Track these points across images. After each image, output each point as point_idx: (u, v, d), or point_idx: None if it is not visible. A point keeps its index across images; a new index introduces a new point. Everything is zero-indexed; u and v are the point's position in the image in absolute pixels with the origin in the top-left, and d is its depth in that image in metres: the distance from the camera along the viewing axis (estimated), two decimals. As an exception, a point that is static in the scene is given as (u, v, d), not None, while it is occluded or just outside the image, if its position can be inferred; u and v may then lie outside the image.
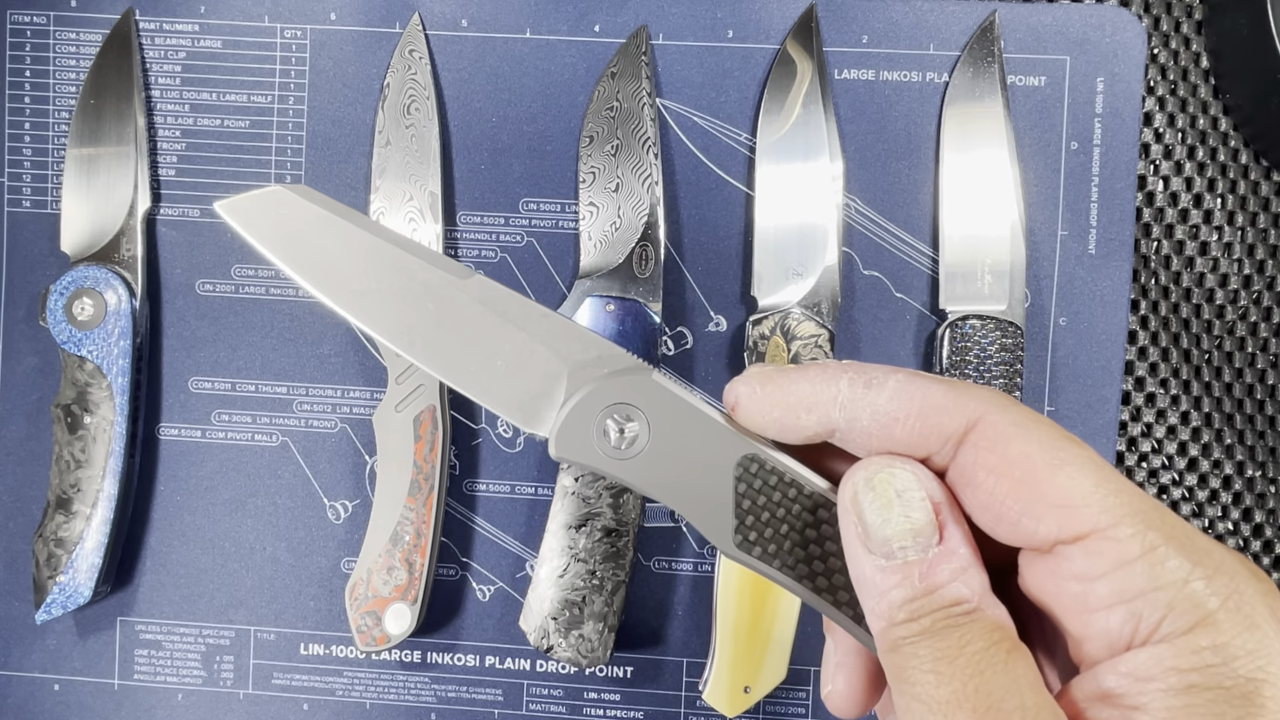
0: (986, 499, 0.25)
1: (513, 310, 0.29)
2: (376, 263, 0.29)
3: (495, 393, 0.29)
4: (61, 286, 0.48)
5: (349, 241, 0.29)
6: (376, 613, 0.47)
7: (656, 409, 0.28)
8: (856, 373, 0.26)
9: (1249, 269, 0.50)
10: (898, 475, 0.25)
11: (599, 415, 0.28)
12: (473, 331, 0.29)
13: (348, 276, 0.29)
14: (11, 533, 0.51)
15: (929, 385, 0.26)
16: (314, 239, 0.29)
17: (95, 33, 0.50)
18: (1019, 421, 0.25)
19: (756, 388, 0.27)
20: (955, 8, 0.49)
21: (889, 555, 0.25)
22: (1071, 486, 0.24)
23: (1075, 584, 0.24)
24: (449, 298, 0.29)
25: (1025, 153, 0.49)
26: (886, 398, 0.26)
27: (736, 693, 0.47)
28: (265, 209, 0.29)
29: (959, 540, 0.25)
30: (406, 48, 0.49)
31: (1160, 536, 0.23)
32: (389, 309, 0.29)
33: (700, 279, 0.50)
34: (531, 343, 0.29)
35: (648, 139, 0.48)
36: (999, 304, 0.47)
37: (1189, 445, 0.50)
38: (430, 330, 0.29)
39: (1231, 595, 0.23)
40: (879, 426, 0.26)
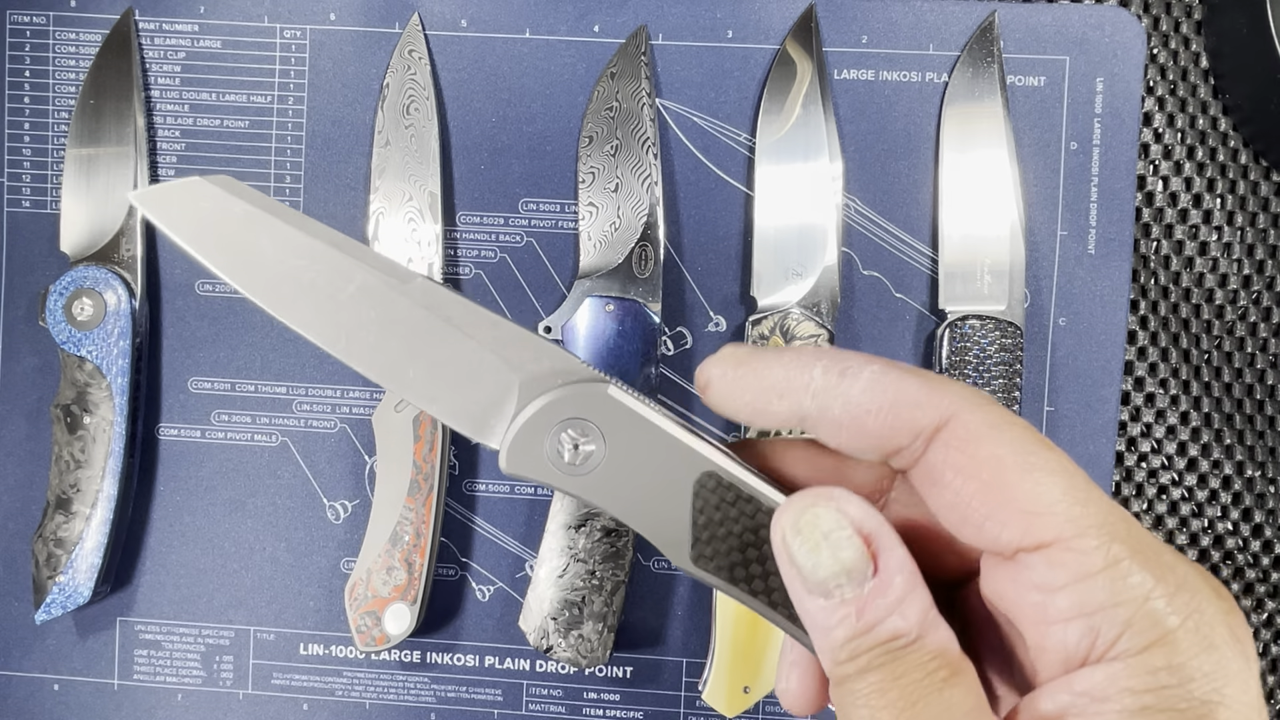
0: (953, 499, 0.24)
1: (459, 316, 0.27)
2: (308, 263, 0.27)
3: (442, 401, 0.27)
4: (61, 286, 0.48)
5: (277, 239, 0.27)
6: (376, 613, 0.47)
7: (613, 424, 0.27)
8: (831, 360, 0.26)
9: (1249, 269, 0.50)
10: (822, 516, 0.25)
11: (553, 430, 0.27)
12: (416, 338, 0.27)
13: (277, 277, 0.27)
14: (11, 533, 0.51)
15: (904, 378, 0.25)
16: (238, 235, 0.27)
17: (95, 33, 0.50)
18: (992, 422, 0.24)
19: (729, 370, 0.27)
20: (955, 8, 0.49)
21: (827, 595, 0.24)
22: (1039, 493, 0.23)
23: (1035, 594, 0.23)
24: (390, 302, 0.27)
25: (1025, 153, 0.49)
26: (860, 388, 0.25)
27: (736, 693, 0.47)
28: (184, 201, 0.27)
29: (894, 568, 0.24)
30: (406, 48, 0.49)
31: (1125, 550, 0.23)
32: (324, 312, 0.27)
33: (700, 279, 0.50)
34: (480, 351, 0.27)
35: (647, 139, 0.48)
36: (998, 304, 0.47)
37: (1189, 445, 0.50)
38: (370, 336, 0.27)
39: (1192, 614, 0.22)
40: (850, 417, 0.25)
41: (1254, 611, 0.50)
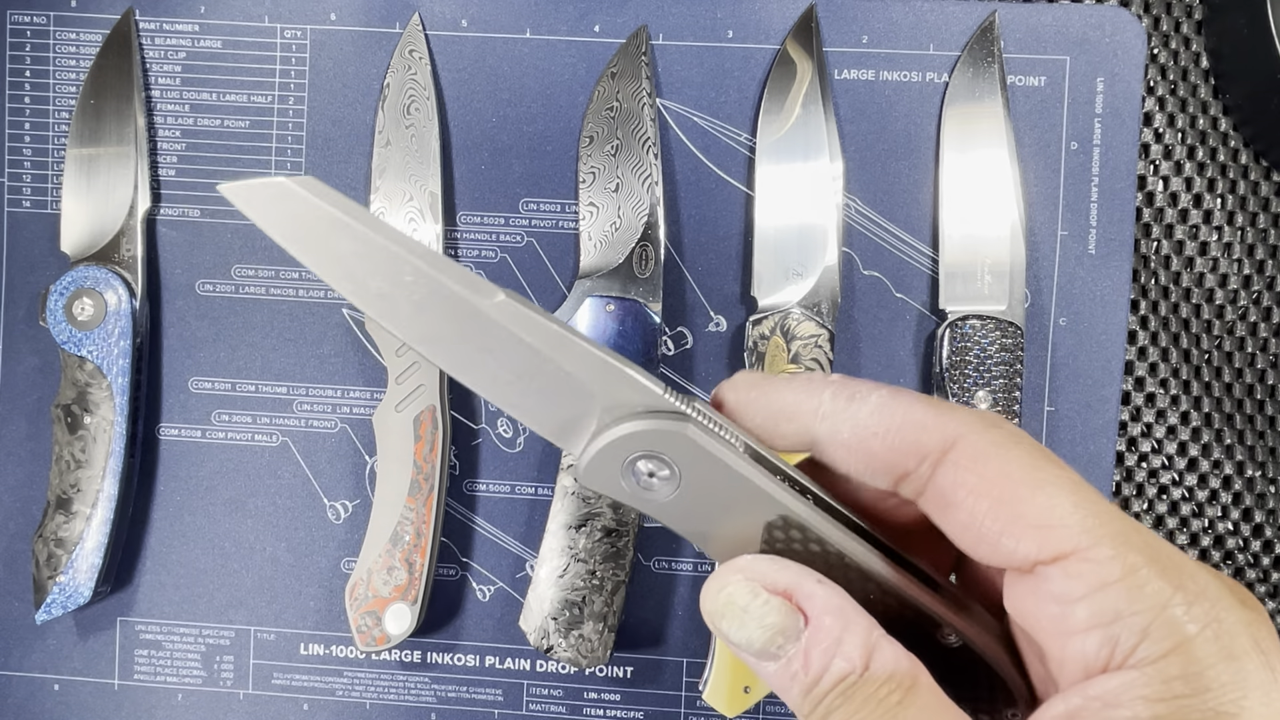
0: (966, 519, 0.24)
1: (541, 335, 0.27)
2: (394, 271, 0.27)
3: (524, 409, 0.28)
4: (61, 287, 0.48)
5: (363, 245, 0.27)
6: (376, 613, 0.47)
7: (689, 463, 0.27)
8: (840, 386, 0.26)
9: (1249, 269, 0.50)
10: (735, 593, 0.26)
11: (629, 459, 0.27)
12: (500, 353, 0.27)
13: (364, 278, 0.27)
14: (11, 533, 0.51)
15: (911, 403, 0.26)
16: (326, 237, 0.27)
17: (95, 33, 0.50)
18: (999, 441, 0.24)
19: (741, 394, 0.28)
20: (955, 8, 0.49)
21: (774, 658, 0.25)
22: (1051, 506, 0.23)
23: (1054, 605, 0.23)
24: (473, 316, 0.27)
25: (1025, 153, 0.49)
26: (868, 411, 0.26)
27: (736, 693, 0.47)
28: (271, 199, 0.28)
29: (820, 611, 0.25)
30: (406, 48, 0.49)
31: (1142, 559, 0.23)
32: (412, 315, 0.27)
33: (700, 279, 0.50)
34: (559, 373, 0.27)
35: (648, 139, 0.48)
36: (999, 304, 0.47)
37: (1189, 445, 0.50)
38: (456, 345, 0.28)
39: (1211, 623, 0.22)
40: (858, 440, 0.26)
41: (1254, 611, 0.50)
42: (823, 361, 0.47)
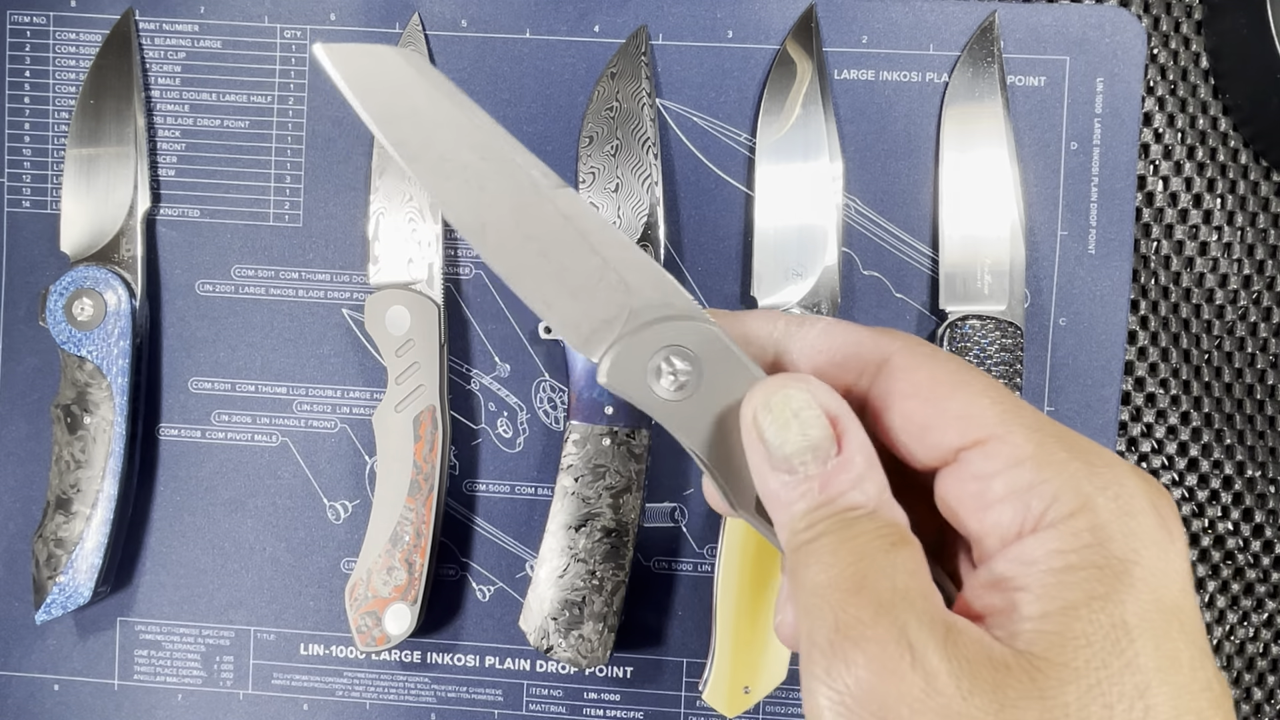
0: (901, 420, 0.27)
1: (594, 231, 0.29)
2: (469, 146, 0.29)
3: (556, 307, 0.29)
4: (61, 287, 0.48)
5: (447, 118, 0.29)
6: (376, 613, 0.47)
7: (711, 359, 0.28)
8: (792, 316, 0.30)
9: (1249, 269, 0.50)
10: (793, 395, 0.27)
11: (654, 354, 0.28)
12: (550, 242, 0.29)
13: (437, 152, 0.29)
14: (11, 533, 0.51)
15: (850, 327, 0.29)
16: (411, 106, 0.28)
17: (95, 33, 0.50)
18: (927, 354, 0.27)
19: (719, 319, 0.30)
20: (955, 8, 0.49)
21: (791, 471, 0.26)
22: (971, 401, 0.26)
23: (974, 484, 0.26)
24: (534, 203, 0.29)
25: (1025, 153, 0.49)
26: (815, 334, 0.29)
27: (736, 693, 0.47)
28: (367, 64, 0.29)
29: (856, 449, 0.26)
30: (406, 48, 0.49)
31: (1053, 439, 0.25)
32: (470, 196, 0.29)
33: (700, 279, 0.50)
34: (605, 268, 0.29)
35: (647, 139, 0.48)
36: (999, 304, 0.47)
37: (1189, 445, 0.50)
38: (507, 230, 0.29)
39: (1112, 485, 0.24)
40: (806, 359, 0.29)
41: (1254, 611, 0.50)
42: (823, 361, 0.47)
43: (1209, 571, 0.50)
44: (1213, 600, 0.50)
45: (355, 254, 0.50)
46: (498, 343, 0.50)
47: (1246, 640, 0.50)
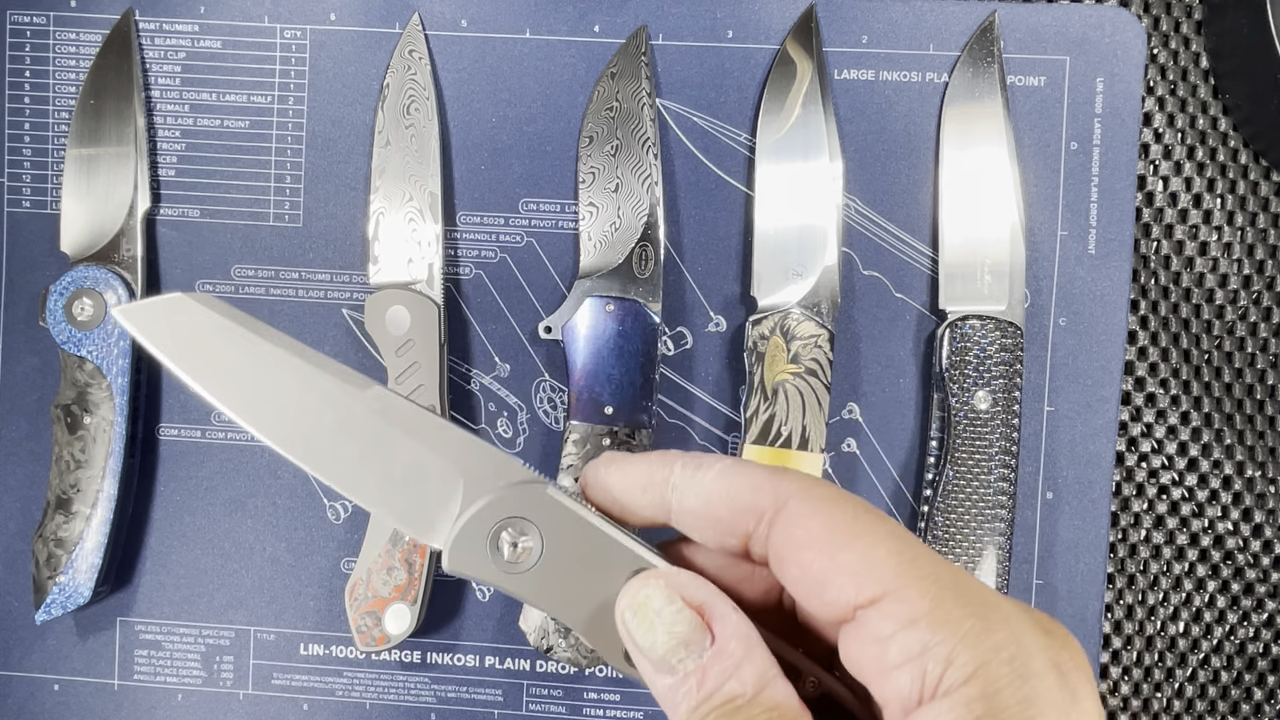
0: (798, 573, 0.26)
1: (411, 421, 0.29)
2: (275, 372, 0.29)
3: (391, 504, 0.29)
4: (61, 287, 0.48)
5: (248, 351, 0.29)
6: (376, 613, 0.47)
7: (550, 522, 0.28)
8: (689, 458, 0.28)
9: (1249, 269, 0.50)
10: (652, 595, 0.26)
11: (493, 528, 0.28)
12: (369, 442, 0.29)
13: (246, 387, 0.29)
14: (11, 533, 0.51)
15: (749, 469, 0.27)
16: (213, 348, 0.29)
17: (95, 33, 0.50)
18: (825, 497, 0.26)
19: (601, 470, 0.29)
20: (955, 8, 0.49)
21: (671, 671, 0.26)
22: (866, 553, 0.25)
23: (873, 646, 0.24)
24: (346, 407, 0.29)
25: (1025, 153, 0.49)
26: (711, 478, 0.27)
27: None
28: (164, 316, 0.29)
29: (729, 635, 0.26)
30: (406, 48, 0.49)
31: (949, 594, 0.24)
32: (286, 419, 0.29)
33: (700, 279, 0.50)
34: (428, 453, 0.29)
35: (647, 139, 0.48)
36: (999, 304, 0.47)
37: (1189, 445, 0.50)
38: (326, 441, 0.29)
39: (1007, 645, 0.23)
40: (702, 505, 0.27)
41: (1254, 611, 0.50)
42: (822, 361, 0.47)
43: (1209, 571, 0.50)
44: (1213, 600, 0.50)
45: (355, 254, 0.50)
46: (498, 343, 0.50)
47: (1246, 640, 0.50)
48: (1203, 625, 0.50)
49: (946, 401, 0.47)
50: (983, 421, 0.47)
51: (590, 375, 0.47)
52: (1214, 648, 0.50)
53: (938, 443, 0.48)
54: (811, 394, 0.47)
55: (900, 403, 0.49)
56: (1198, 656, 0.50)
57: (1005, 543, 0.46)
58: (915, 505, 0.49)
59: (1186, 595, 0.50)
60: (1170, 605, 0.50)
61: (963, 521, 0.46)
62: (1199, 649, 0.50)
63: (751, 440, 0.47)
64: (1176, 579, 0.50)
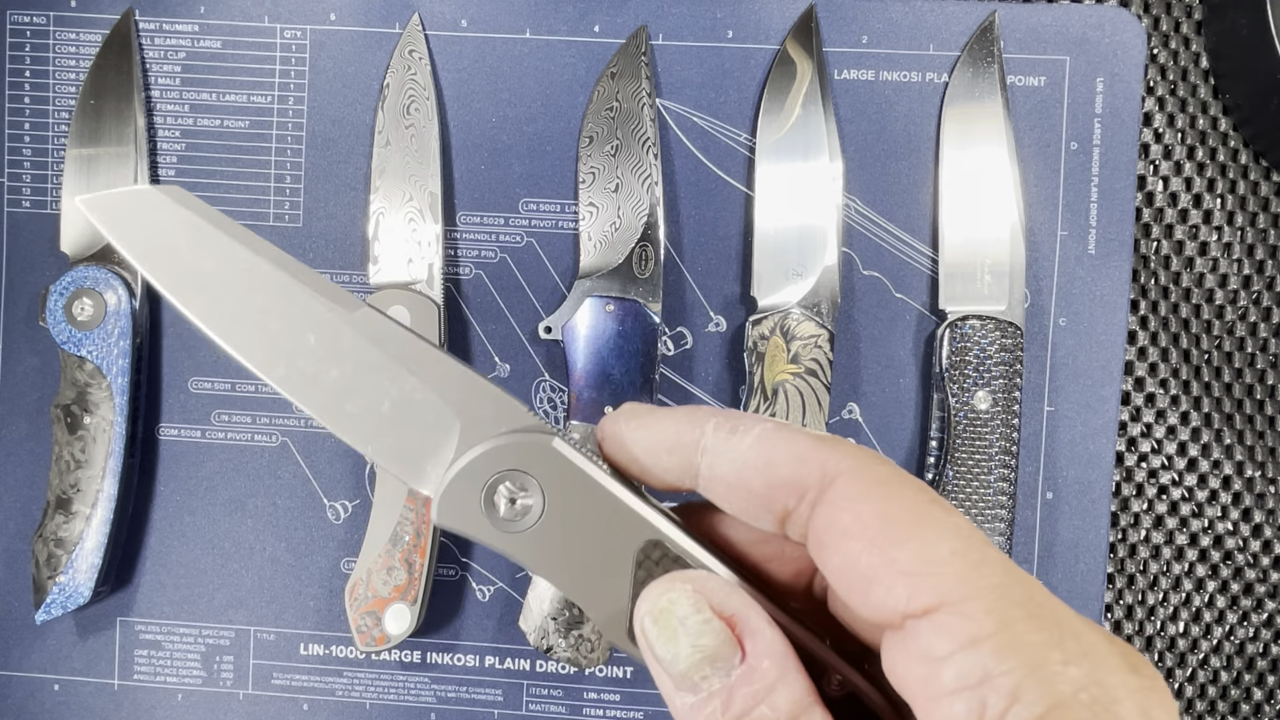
0: (840, 563, 0.22)
1: (404, 350, 0.26)
2: (253, 282, 0.26)
3: (376, 442, 0.26)
4: (61, 287, 0.48)
5: (224, 256, 0.26)
6: (376, 613, 0.47)
7: (555, 480, 0.25)
8: (723, 418, 0.24)
9: (1249, 269, 0.50)
10: (677, 602, 0.23)
11: (490, 480, 0.25)
12: (356, 370, 0.26)
13: (219, 294, 0.26)
14: (11, 533, 0.51)
15: (793, 436, 0.23)
16: (185, 249, 0.26)
17: (95, 33, 0.50)
18: (880, 479, 0.22)
19: (622, 424, 0.26)
20: (955, 8, 0.49)
21: (694, 689, 0.23)
22: (926, 552, 0.21)
23: (922, 665, 0.21)
24: (333, 329, 0.26)
25: (1025, 153, 0.49)
26: (748, 444, 0.24)
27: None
28: (133, 210, 0.26)
29: (762, 652, 0.23)
30: (406, 48, 0.49)
31: (1021, 613, 0.20)
32: (263, 335, 0.26)
33: (700, 279, 0.50)
34: (422, 389, 0.25)
35: (647, 139, 0.48)
36: (999, 304, 0.47)
37: (1189, 445, 0.50)
38: (308, 365, 0.26)
39: (1088, 684, 0.19)
40: (736, 474, 0.24)
41: (1254, 611, 0.50)
42: (822, 361, 0.47)
43: (1209, 571, 0.50)
44: (1213, 600, 0.50)
45: (355, 254, 0.50)
46: (498, 343, 0.50)
47: (1246, 640, 0.50)
48: (1202, 625, 0.50)
49: (946, 401, 0.47)
50: (983, 421, 0.47)
51: (590, 375, 0.47)
52: (1214, 648, 0.50)
53: (938, 443, 0.48)
54: (811, 394, 0.47)
55: (900, 403, 0.49)
56: (1197, 656, 0.50)
57: (1005, 543, 0.46)
58: (915, 505, 0.49)
59: (1186, 595, 0.50)
60: (1170, 605, 0.50)
61: (963, 521, 0.46)
62: (1199, 649, 0.50)
63: (751, 440, 0.47)
64: (1176, 579, 0.50)
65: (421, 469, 0.26)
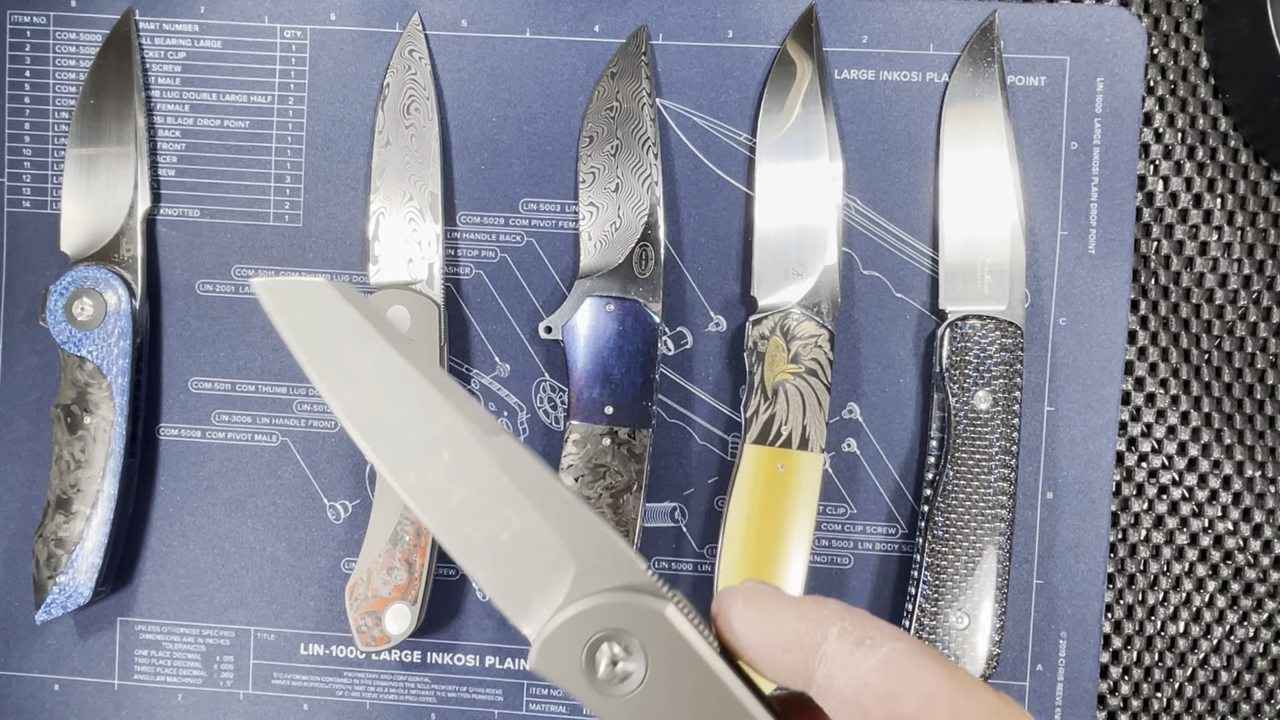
0: None
1: (534, 483, 0.25)
2: (401, 389, 0.26)
3: (488, 569, 0.25)
4: (61, 287, 0.48)
5: (379, 359, 0.26)
6: (376, 613, 0.47)
7: (662, 651, 0.24)
8: (851, 623, 0.23)
9: (1249, 269, 0.50)
10: None
11: (594, 637, 0.24)
12: (483, 494, 0.25)
13: (367, 394, 0.26)
14: (11, 533, 0.51)
15: (925, 667, 0.22)
16: (344, 345, 0.26)
17: (95, 33, 0.50)
18: None
19: (739, 608, 0.24)
20: (955, 8, 0.49)
21: None
22: None
23: None
24: (468, 449, 0.25)
25: (1025, 153, 0.49)
26: (873, 665, 0.22)
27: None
28: (303, 299, 0.26)
29: None
30: (406, 48, 0.49)
31: None
32: (401, 443, 0.26)
33: (700, 279, 0.50)
34: (544, 526, 0.25)
35: (647, 139, 0.48)
36: (999, 304, 0.47)
37: (1189, 445, 0.50)
38: (438, 479, 0.25)
39: None
40: (854, 694, 0.22)
41: (1254, 611, 0.50)
42: (822, 361, 0.47)
43: (1209, 571, 0.50)
44: (1213, 600, 0.50)
45: (355, 254, 0.50)
46: (498, 343, 0.50)
47: (1246, 640, 0.50)
48: (1202, 625, 0.50)
49: (946, 401, 0.47)
50: (983, 421, 0.47)
51: (590, 375, 0.47)
52: (1214, 648, 0.50)
53: (938, 443, 0.48)
54: (811, 394, 0.47)
55: (900, 403, 0.49)
56: (1197, 656, 0.50)
57: (1005, 543, 0.46)
58: (915, 505, 0.49)
59: (1186, 595, 0.50)
60: (1170, 605, 0.50)
61: (963, 521, 0.46)
62: (1199, 649, 0.50)
63: (752, 440, 0.47)
64: (1176, 579, 0.50)
65: (526, 606, 0.25)
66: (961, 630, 0.46)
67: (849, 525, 0.49)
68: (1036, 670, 0.49)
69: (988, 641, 0.46)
